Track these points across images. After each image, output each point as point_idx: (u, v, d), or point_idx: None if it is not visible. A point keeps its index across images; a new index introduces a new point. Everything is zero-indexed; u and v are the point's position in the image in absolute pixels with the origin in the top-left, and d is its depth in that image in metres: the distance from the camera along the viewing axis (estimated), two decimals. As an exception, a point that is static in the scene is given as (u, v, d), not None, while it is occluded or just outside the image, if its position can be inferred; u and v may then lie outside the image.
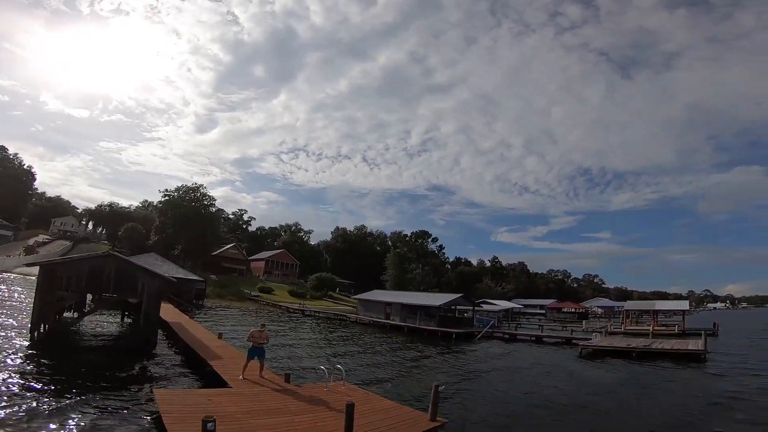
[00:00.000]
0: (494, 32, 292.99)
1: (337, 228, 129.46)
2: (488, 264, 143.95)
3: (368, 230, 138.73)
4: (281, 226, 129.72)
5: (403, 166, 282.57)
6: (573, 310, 75.01)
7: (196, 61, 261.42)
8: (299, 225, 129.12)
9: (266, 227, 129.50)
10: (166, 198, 70.91)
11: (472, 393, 14.07)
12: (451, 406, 11.65)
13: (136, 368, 13.41)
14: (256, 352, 11.48)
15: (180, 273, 38.64)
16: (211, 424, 5.72)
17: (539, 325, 43.68)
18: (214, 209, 76.08)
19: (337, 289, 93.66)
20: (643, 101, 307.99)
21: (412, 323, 36.71)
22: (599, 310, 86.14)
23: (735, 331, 42.97)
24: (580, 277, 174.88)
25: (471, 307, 40.96)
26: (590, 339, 27.88)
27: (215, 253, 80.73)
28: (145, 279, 16.80)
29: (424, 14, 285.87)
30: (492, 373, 18.67)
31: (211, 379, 12.00)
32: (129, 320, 23.68)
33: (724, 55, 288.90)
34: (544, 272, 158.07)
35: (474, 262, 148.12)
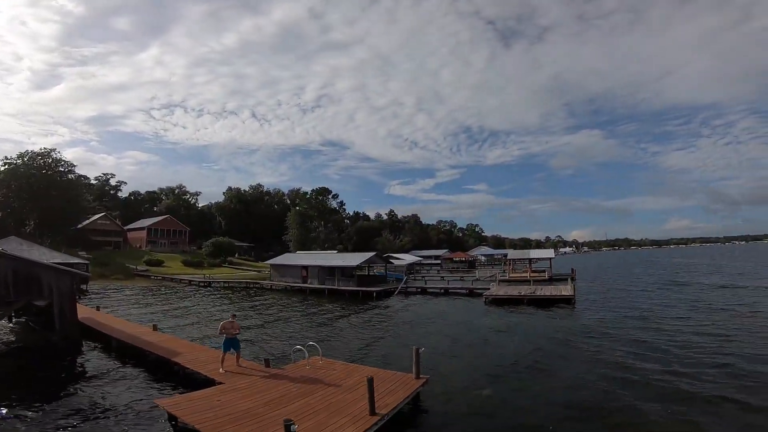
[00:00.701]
0: None
1: (230, 188, 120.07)
2: (385, 217, 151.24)
3: (265, 189, 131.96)
4: (161, 189, 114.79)
5: (296, 121, 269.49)
6: (463, 259, 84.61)
7: (33, 14, 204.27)
8: (184, 187, 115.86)
9: (142, 192, 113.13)
10: (7, 167, 56.17)
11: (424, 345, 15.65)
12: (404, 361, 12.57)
13: (71, 385, 11.49)
14: (231, 343, 11.38)
15: (56, 257, 32.33)
16: (294, 426, 6.02)
17: (441, 277, 49.16)
18: (73, 176, 63.12)
19: (236, 254, 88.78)
20: (517, 69, 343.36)
21: (331, 285, 37.52)
22: (483, 258, 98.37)
23: (588, 275, 53.82)
24: (464, 227, 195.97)
25: (384, 264, 43.43)
26: (489, 289, 32.44)
27: (80, 225, 68.20)
28: (52, 278, 14.32)
29: None
30: (426, 325, 20.76)
31: (184, 380, 11.34)
32: (35, 326, 19.38)
33: (585, 32, 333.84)
34: (434, 223, 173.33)
35: (372, 215, 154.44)
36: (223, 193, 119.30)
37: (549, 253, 47.46)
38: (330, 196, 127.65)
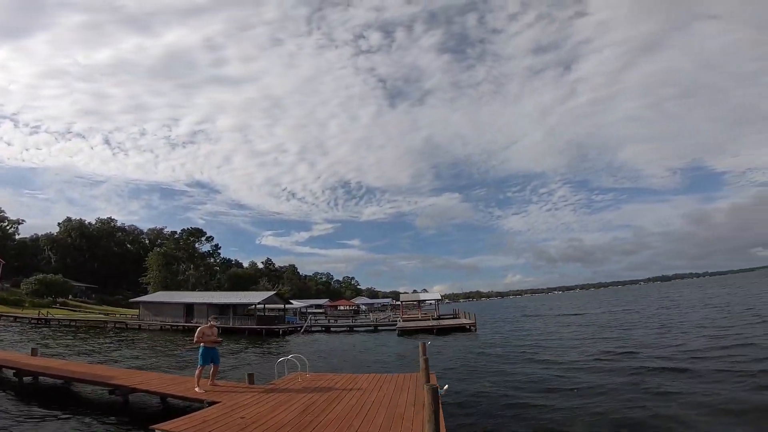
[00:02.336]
0: (302, 40, 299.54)
1: (70, 219, 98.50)
2: (261, 266, 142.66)
3: (117, 224, 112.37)
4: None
5: (162, 156, 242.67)
6: (348, 307, 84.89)
7: None
8: (2, 212, 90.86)
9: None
10: None
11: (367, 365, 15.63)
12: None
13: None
14: (211, 354, 9.16)
15: None
16: (442, 390, 5.55)
17: (329, 320, 48.84)
18: None
19: (70, 296, 71.21)
20: (398, 128, 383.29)
21: (224, 324, 33.51)
22: (363, 306, 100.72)
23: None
24: (341, 279, 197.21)
25: (283, 305, 40.90)
26: (396, 324, 33.78)
27: None
28: None
29: (240, 4, 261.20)
30: (352, 351, 20.50)
31: (141, 410, 8.69)
32: None
33: (457, 98, 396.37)
34: (311, 274, 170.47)
35: (245, 263, 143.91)
36: (59, 223, 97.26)
37: (435, 296, 51.78)
38: (203, 239, 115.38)
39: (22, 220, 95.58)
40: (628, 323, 27.30)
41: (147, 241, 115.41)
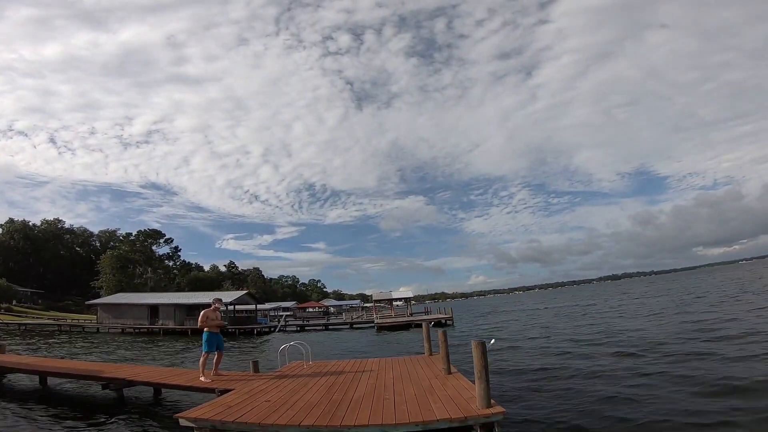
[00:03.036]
0: (269, 40, 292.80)
1: (12, 220, 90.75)
2: (224, 269, 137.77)
3: (65, 225, 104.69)
4: None
5: (113, 156, 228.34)
6: (317, 308, 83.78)
7: None
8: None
9: None
10: None
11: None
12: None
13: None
14: (216, 339, 8.46)
15: None
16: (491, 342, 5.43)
17: (301, 320, 48.06)
18: None
19: (14, 301, 65.54)
20: (364, 131, 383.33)
21: (192, 325, 32.10)
22: (332, 308, 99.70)
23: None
24: (306, 282, 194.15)
25: (254, 306, 39.68)
26: (373, 321, 33.86)
27: None
28: None
29: (207, 2, 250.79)
30: (334, 344, 20.38)
31: (145, 405, 8.15)
32: None
33: (423, 102, 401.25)
34: (276, 277, 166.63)
35: (205, 267, 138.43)
36: (1, 225, 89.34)
37: (407, 294, 52.03)
38: (161, 241, 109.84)
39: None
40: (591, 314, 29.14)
41: (98, 244, 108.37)
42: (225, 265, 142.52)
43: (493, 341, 10.81)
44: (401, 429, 4.58)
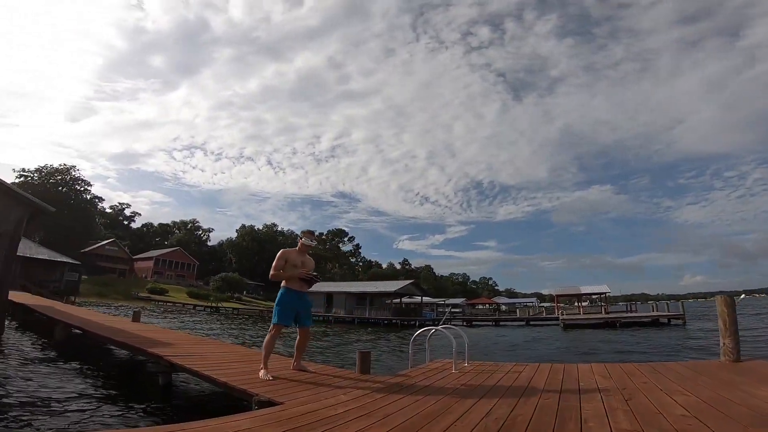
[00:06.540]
0: (412, 46, 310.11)
1: (244, 226, 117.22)
2: (399, 267, 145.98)
3: (279, 229, 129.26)
4: (174, 222, 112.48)
5: (311, 171, 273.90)
6: (487, 305, 78.58)
7: (83, 45, 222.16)
8: (197, 222, 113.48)
9: (154, 224, 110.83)
10: (23, 179, 54.36)
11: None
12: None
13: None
14: (298, 304, 4.83)
15: (42, 252, 28.22)
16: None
17: (471, 315, 43.84)
18: (89, 196, 60.99)
19: (245, 292, 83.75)
20: (529, 122, 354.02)
21: (360, 315, 32.46)
22: (504, 306, 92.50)
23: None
24: (477, 280, 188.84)
25: (420, 295, 38.29)
26: (558, 317, 27.40)
27: (87, 249, 64.69)
28: None
29: (349, 22, 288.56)
30: (516, 345, 15.96)
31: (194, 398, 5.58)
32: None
33: (594, 83, 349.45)
34: (447, 275, 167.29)
35: (384, 265, 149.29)
36: (236, 230, 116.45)
37: (602, 288, 41.33)
38: (346, 239, 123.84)
39: (212, 229, 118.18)
40: None
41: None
42: (399, 263, 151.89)
43: (743, 296, 5.26)
44: None
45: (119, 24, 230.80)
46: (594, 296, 44.27)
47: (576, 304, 43.17)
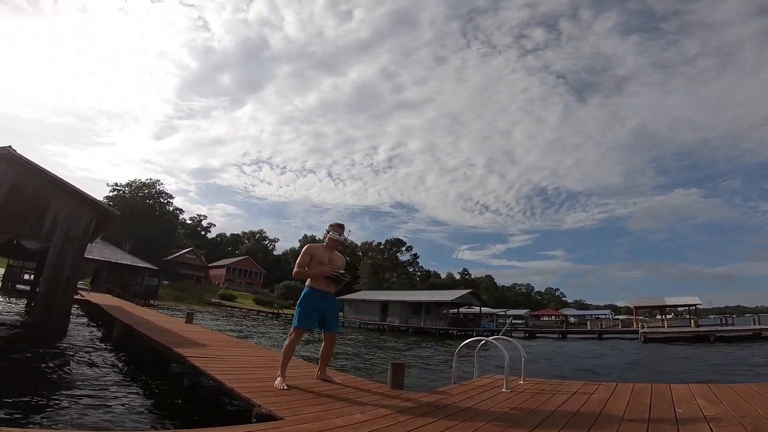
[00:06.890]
0: (463, 53, 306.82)
1: (306, 236, 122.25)
2: (458, 276, 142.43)
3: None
4: (244, 233, 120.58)
5: (369, 182, 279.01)
6: (553, 317, 73.55)
7: (160, 66, 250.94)
8: (264, 232, 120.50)
9: (227, 234, 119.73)
10: (116, 193, 61.75)
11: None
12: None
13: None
14: (323, 305, 4.45)
15: (126, 258, 31.32)
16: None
17: (535, 326, 40.89)
18: (171, 208, 67.48)
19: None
20: (595, 124, 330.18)
21: (415, 324, 31.79)
22: (572, 318, 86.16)
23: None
24: (542, 291, 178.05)
25: (478, 305, 36.67)
26: (638, 330, 24.57)
27: (169, 257, 71.43)
28: (63, 204, 9.39)
29: (398, 32, 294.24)
30: (583, 360, 14.45)
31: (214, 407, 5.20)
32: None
33: (668, 80, 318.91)
34: (509, 285, 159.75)
35: (442, 275, 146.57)
36: (299, 240, 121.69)
37: (692, 299, 36.27)
38: (403, 248, 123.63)
39: (278, 239, 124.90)
40: None
41: (360, 253, 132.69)
42: (459, 273, 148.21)
43: None
44: None
45: (190, 45, 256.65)
46: (680, 308, 39.08)
47: (658, 316, 38.57)
